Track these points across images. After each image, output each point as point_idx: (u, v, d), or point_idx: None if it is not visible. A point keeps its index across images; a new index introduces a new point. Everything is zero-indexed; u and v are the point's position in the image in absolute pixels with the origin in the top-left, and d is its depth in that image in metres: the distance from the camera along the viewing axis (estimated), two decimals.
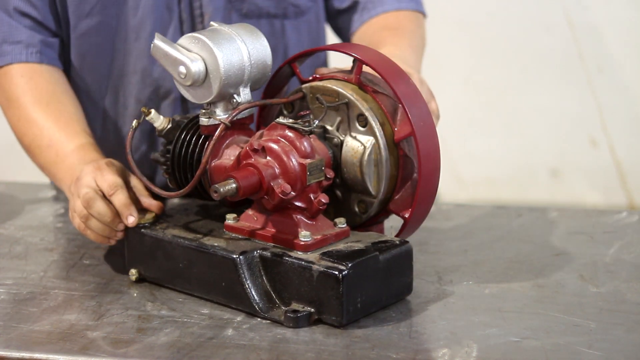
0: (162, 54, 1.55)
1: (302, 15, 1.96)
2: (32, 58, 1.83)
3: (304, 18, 1.97)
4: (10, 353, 1.42)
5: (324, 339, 1.43)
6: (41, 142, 1.78)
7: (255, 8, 1.92)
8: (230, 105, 1.57)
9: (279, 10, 1.94)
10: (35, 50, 1.83)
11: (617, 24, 3.08)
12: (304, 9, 1.96)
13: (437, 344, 1.42)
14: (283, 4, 1.94)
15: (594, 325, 1.47)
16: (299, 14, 1.96)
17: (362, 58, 1.55)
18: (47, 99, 1.81)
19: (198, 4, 1.88)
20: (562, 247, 1.77)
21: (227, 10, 1.90)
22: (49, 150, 1.77)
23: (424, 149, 1.51)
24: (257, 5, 1.92)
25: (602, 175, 3.17)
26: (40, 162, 1.80)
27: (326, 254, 1.47)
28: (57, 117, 1.79)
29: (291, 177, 1.49)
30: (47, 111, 1.79)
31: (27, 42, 1.83)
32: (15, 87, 1.82)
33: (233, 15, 1.90)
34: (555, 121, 3.15)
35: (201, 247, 1.54)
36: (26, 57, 1.83)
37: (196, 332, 1.47)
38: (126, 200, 1.60)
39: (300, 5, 1.95)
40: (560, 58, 3.10)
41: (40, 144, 1.78)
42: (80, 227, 1.64)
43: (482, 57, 3.04)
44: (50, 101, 1.81)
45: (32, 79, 1.82)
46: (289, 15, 1.95)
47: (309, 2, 1.96)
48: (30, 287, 1.64)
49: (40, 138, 1.78)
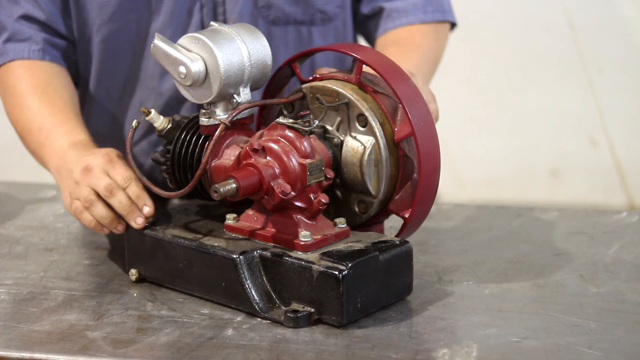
0: (162, 54, 1.55)
1: (330, 21, 1.94)
2: (33, 55, 1.85)
3: (332, 24, 1.95)
4: (10, 353, 1.42)
5: (324, 339, 1.43)
6: (32, 126, 1.79)
7: (282, 15, 1.90)
8: (230, 105, 1.57)
9: (306, 16, 1.92)
10: (38, 48, 1.85)
11: (617, 24, 3.08)
12: (332, 16, 1.94)
13: (437, 344, 1.42)
14: (310, 10, 1.92)
15: (594, 325, 1.47)
16: (326, 20, 1.94)
17: (362, 58, 1.55)
18: (42, 88, 1.82)
19: (222, 10, 1.87)
20: (562, 247, 1.77)
21: (253, 17, 1.88)
22: (39, 133, 1.77)
23: (424, 149, 1.51)
24: (285, 12, 1.90)
25: (602, 175, 3.17)
26: (31, 146, 1.81)
27: (326, 254, 1.47)
28: (51, 104, 1.80)
29: (291, 177, 1.49)
30: (41, 98, 1.81)
31: (30, 41, 1.85)
32: (14, 77, 1.84)
33: (260, 21, 1.89)
34: (555, 121, 3.15)
35: (201, 247, 1.54)
36: (28, 54, 1.85)
37: (196, 332, 1.47)
38: (140, 191, 1.61)
39: (327, 12, 1.93)
40: (560, 58, 3.10)
41: (32, 128, 1.79)
42: (77, 211, 1.65)
43: (482, 57, 3.04)
44: (46, 90, 1.82)
45: (30, 69, 1.84)
46: (316, 22, 1.93)
47: (337, 8, 1.94)
48: (30, 287, 1.64)
49: (32, 122, 1.79)
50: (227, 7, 1.87)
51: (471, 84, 3.05)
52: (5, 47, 1.85)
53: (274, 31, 1.90)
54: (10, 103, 1.84)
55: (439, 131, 1.55)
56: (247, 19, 1.88)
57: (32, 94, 1.82)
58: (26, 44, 1.85)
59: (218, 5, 1.87)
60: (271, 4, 1.88)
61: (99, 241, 1.83)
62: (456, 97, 3.02)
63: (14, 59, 1.84)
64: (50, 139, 1.75)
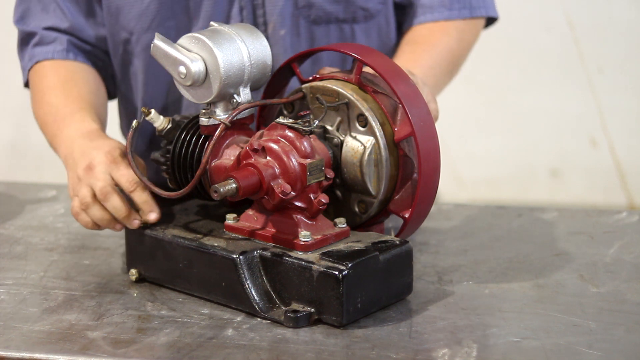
0: (162, 54, 1.55)
1: (372, 18, 1.92)
2: (57, 55, 1.90)
3: (374, 21, 1.93)
4: (10, 353, 1.42)
5: (324, 339, 1.43)
6: (48, 119, 1.83)
7: (323, 14, 1.89)
8: (230, 105, 1.57)
9: (348, 14, 1.90)
10: (62, 49, 1.90)
11: (617, 24, 3.08)
12: (374, 12, 1.92)
13: (437, 344, 1.42)
14: (352, 8, 1.90)
15: (594, 325, 1.47)
16: (369, 17, 1.92)
17: (362, 58, 1.55)
18: (62, 83, 1.87)
19: (261, 12, 1.86)
20: (562, 247, 1.77)
21: (294, 18, 1.87)
22: (53, 125, 1.81)
23: (424, 149, 1.51)
24: (325, 11, 1.88)
25: (602, 175, 3.18)
26: (48, 138, 1.84)
27: (326, 254, 1.47)
28: (67, 97, 1.83)
29: (291, 177, 1.49)
30: (59, 93, 1.85)
31: (55, 43, 1.91)
32: (38, 77, 1.90)
33: (301, 22, 1.88)
34: (555, 121, 3.16)
35: (201, 247, 1.54)
36: (52, 54, 1.90)
37: (196, 332, 1.47)
38: (147, 197, 1.61)
39: (369, 9, 1.91)
40: (560, 58, 3.11)
41: (48, 121, 1.83)
42: (74, 212, 1.65)
43: (482, 57, 3.04)
44: (65, 85, 1.86)
45: (53, 67, 1.90)
46: (358, 20, 1.91)
47: (379, 4, 1.92)
48: (30, 287, 1.64)
49: (48, 115, 1.83)
50: (267, 9, 1.86)
51: (471, 84, 3.05)
52: (33, 51, 1.92)
53: (315, 31, 1.89)
54: (34, 101, 1.90)
55: (439, 131, 1.55)
56: (288, 20, 1.87)
57: (52, 89, 1.86)
58: (51, 46, 1.91)
59: (257, 7, 1.86)
60: (312, 4, 1.87)
61: (99, 241, 1.83)
62: (456, 97, 3.02)
63: (40, 61, 1.91)
64: (61, 129, 1.78)
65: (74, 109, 1.80)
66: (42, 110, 1.85)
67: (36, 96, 1.89)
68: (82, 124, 1.76)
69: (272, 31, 1.87)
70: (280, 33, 1.87)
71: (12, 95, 3.18)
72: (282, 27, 1.87)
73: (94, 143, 1.69)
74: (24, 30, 1.93)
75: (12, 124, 3.20)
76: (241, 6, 1.86)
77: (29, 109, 1.92)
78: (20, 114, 3.17)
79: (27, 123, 3.19)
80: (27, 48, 1.93)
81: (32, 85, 1.92)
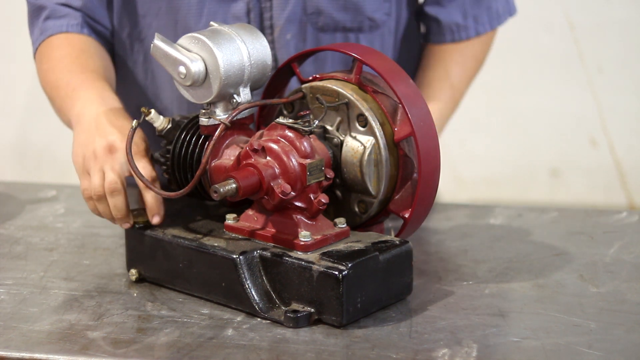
0: (162, 54, 1.55)
1: (377, 29, 1.93)
2: (72, 29, 1.87)
3: (378, 32, 1.93)
4: (10, 353, 1.42)
5: (324, 339, 1.43)
6: (61, 83, 1.79)
7: (331, 22, 1.89)
8: (230, 105, 1.57)
9: (355, 24, 1.91)
10: (76, 23, 1.87)
11: (617, 24, 3.08)
12: (380, 23, 1.92)
13: (437, 344, 1.42)
14: (360, 17, 1.90)
15: (594, 325, 1.47)
16: (374, 27, 1.92)
17: (362, 58, 1.55)
18: (77, 54, 1.84)
19: (268, 15, 1.86)
20: (562, 247, 1.77)
21: (302, 23, 1.87)
22: (66, 87, 1.77)
23: (424, 149, 1.51)
24: (334, 19, 1.88)
25: (602, 175, 3.18)
26: (57, 101, 1.80)
27: (326, 254, 1.47)
28: (83, 66, 1.80)
29: (291, 177, 1.49)
30: (74, 62, 1.82)
31: (68, 17, 1.87)
32: (50, 48, 1.87)
33: (308, 28, 1.88)
34: (555, 121, 3.16)
35: (201, 247, 1.54)
36: (67, 28, 1.87)
37: (196, 332, 1.47)
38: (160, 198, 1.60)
39: (376, 19, 1.91)
40: (560, 58, 3.11)
41: (60, 84, 1.79)
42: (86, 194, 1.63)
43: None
44: (80, 56, 1.83)
45: (66, 39, 1.87)
46: (364, 29, 1.92)
47: (384, 15, 1.93)
48: (30, 287, 1.64)
49: (61, 80, 1.79)
50: (274, 13, 1.86)
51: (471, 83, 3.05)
52: (45, 25, 1.88)
53: (321, 38, 1.89)
54: (43, 69, 1.86)
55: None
56: (296, 25, 1.87)
57: (65, 58, 1.83)
58: (64, 19, 1.87)
59: (265, 11, 1.87)
60: (321, 11, 1.87)
61: (99, 241, 1.83)
62: None
63: (52, 34, 1.87)
64: (77, 90, 1.74)
65: (93, 77, 1.77)
66: (54, 76, 1.81)
67: (48, 64, 1.85)
68: (103, 92, 1.73)
69: (278, 35, 1.87)
70: (287, 37, 1.87)
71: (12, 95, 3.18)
72: (288, 31, 1.87)
73: (119, 122, 1.66)
74: (35, 3, 1.89)
75: (12, 124, 3.20)
76: (249, 8, 1.86)
77: (29, 109, 1.92)
78: (21, 114, 3.17)
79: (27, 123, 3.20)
80: (38, 22, 1.89)
81: (43, 55, 1.87)
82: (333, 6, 1.87)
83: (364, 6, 1.89)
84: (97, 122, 1.65)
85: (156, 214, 1.60)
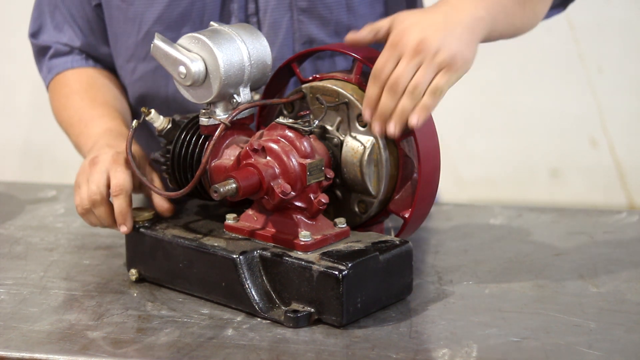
0: (162, 54, 1.55)
1: None
2: (77, 63, 1.93)
3: None
4: (10, 353, 1.42)
5: (324, 339, 1.43)
6: (74, 120, 1.85)
7: None
8: (230, 105, 1.57)
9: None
10: (80, 58, 1.93)
11: (617, 24, 3.08)
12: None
13: (437, 344, 1.42)
14: None
15: (594, 325, 1.47)
16: None
17: (362, 58, 1.55)
18: (85, 88, 1.89)
19: None
20: (562, 247, 1.77)
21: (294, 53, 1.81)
22: (79, 124, 1.83)
23: (424, 149, 1.51)
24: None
25: (602, 175, 3.18)
26: (72, 138, 1.86)
27: (326, 254, 1.47)
28: (92, 100, 1.86)
29: (291, 177, 1.49)
30: (83, 97, 1.87)
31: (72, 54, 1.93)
32: (60, 85, 1.92)
33: None
34: (555, 121, 3.16)
35: (201, 247, 1.54)
36: (72, 64, 1.93)
37: (196, 332, 1.47)
38: (125, 208, 1.60)
39: None
40: (560, 58, 3.11)
41: (73, 122, 1.85)
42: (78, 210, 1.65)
43: (482, 57, 3.04)
44: (89, 90, 1.89)
45: (74, 75, 1.92)
46: None
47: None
48: (30, 287, 1.64)
49: (73, 117, 1.86)
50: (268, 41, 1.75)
51: (471, 83, 3.05)
52: (51, 63, 1.94)
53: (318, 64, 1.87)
54: (55, 107, 1.92)
55: (439, 131, 1.55)
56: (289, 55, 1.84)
57: (75, 94, 1.89)
58: (69, 56, 1.93)
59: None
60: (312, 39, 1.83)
61: (99, 241, 1.83)
62: (456, 97, 3.02)
63: (60, 72, 1.93)
64: (88, 127, 1.80)
65: (101, 113, 1.83)
66: (67, 113, 1.88)
67: (60, 100, 1.91)
68: (111, 123, 1.79)
69: None
70: None
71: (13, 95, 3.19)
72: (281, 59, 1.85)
73: (114, 141, 1.70)
74: (38, 45, 1.96)
75: (13, 124, 3.21)
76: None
77: (29, 109, 1.93)
78: (21, 114, 3.17)
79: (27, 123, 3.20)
80: (44, 59, 1.95)
81: (54, 93, 1.94)
82: (324, 32, 1.84)
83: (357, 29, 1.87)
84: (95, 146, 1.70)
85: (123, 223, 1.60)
